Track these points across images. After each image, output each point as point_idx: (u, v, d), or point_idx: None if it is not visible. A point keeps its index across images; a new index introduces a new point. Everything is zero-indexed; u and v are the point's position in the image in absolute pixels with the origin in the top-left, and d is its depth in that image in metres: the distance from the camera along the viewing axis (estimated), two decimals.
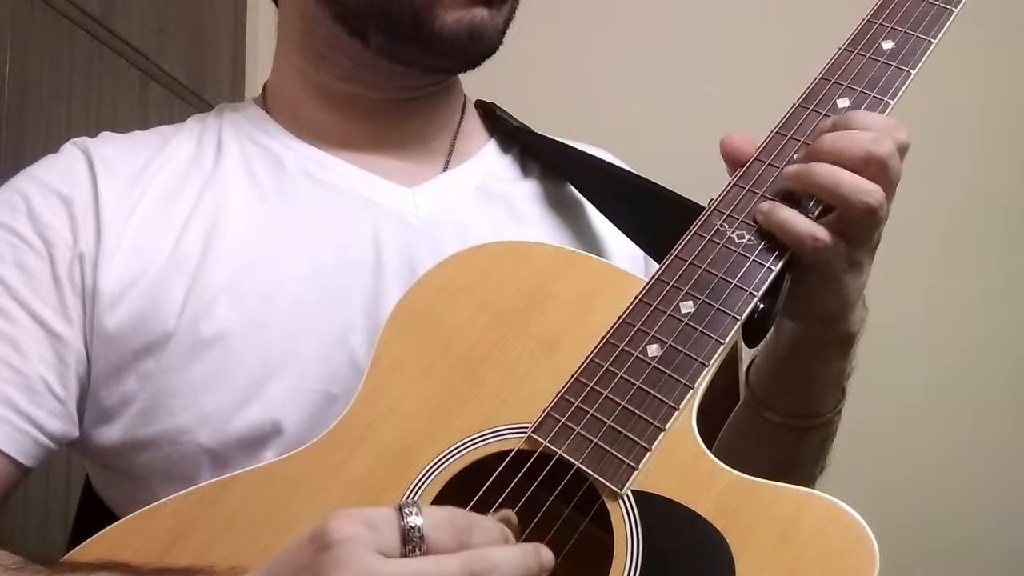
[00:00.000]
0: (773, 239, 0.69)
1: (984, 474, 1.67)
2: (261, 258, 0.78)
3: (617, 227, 0.88)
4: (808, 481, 0.83)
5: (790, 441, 0.80)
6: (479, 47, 0.81)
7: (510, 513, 0.59)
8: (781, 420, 0.80)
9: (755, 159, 0.72)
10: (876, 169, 0.68)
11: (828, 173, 0.68)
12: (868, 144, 0.68)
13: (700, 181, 0.75)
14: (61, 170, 0.81)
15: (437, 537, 0.53)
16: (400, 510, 0.53)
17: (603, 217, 0.89)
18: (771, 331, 0.78)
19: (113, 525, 0.65)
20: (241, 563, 0.59)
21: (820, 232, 0.69)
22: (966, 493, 1.66)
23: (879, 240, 0.72)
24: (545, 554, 0.56)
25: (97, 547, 0.63)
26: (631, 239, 0.88)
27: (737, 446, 0.78)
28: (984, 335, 1.70)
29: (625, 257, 0.88)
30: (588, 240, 0.89)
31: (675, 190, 0.84)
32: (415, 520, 0.53)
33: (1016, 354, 1.70)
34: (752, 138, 0.74)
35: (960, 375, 1.69)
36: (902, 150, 0.70)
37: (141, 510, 0.65)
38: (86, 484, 0.86)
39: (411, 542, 0.52)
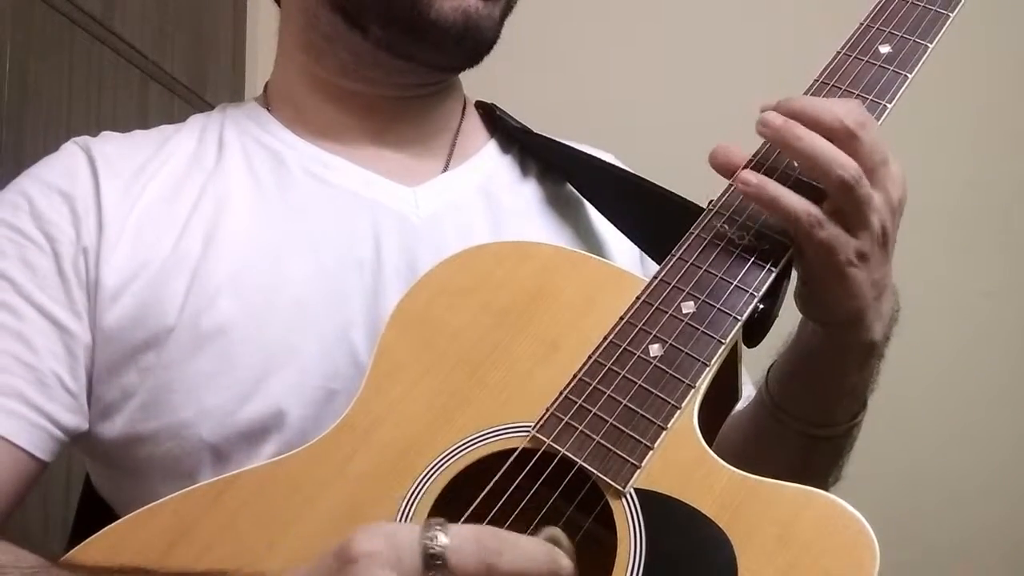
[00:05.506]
0: (773, 240, 0.69)
1: (984, 471, 1.67)
2: (262, 255, 0.79)
3: (617, 227, 0.88)
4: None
5: (804, 448, 0.79)
6: (474, 37, 0.81)
7: (557, 531, 0.55)
8: (797, 426, 0.79)
9: (755, 161, 0.72)
10: (845, 138, 0.66)
11: (806, 135, 0.66)
12: (837, 114, 0.67)
13: (700, 181, 0.75)
14: (62, 168, 0.81)
15: (459, 561, 0.51)
16: (424, 529, 0.52)
17: (603, 217, 0.89)
18: (796, 334, 0.78)
19: (113, 524, 0.64)
20: (243, 562, 0.59)
21: (814, 209, 0.67)
22: (967, 490, 1.66)
23: (886, 231, 0.69)
24: None
25: (97, 547, 0.63)
26: (631, 239, 0.88)
27: (752, 449, 0.77)
28: (984, 332, 1.70)
29: (625, 257, 0.88)
30: (588, 240, 0.89)
31: (675, 190, 0.85)
32: (440, 541, 0.51)
33: (1016, 351, 1.70)
34: (735, 144, 0.73)
35: (960, 372, 1.70)
36: (869, 124, 0.68)
37: (141, 509, 0.65)
38: (86, 484, 0.86)
39: (432, 568, 0.51)
